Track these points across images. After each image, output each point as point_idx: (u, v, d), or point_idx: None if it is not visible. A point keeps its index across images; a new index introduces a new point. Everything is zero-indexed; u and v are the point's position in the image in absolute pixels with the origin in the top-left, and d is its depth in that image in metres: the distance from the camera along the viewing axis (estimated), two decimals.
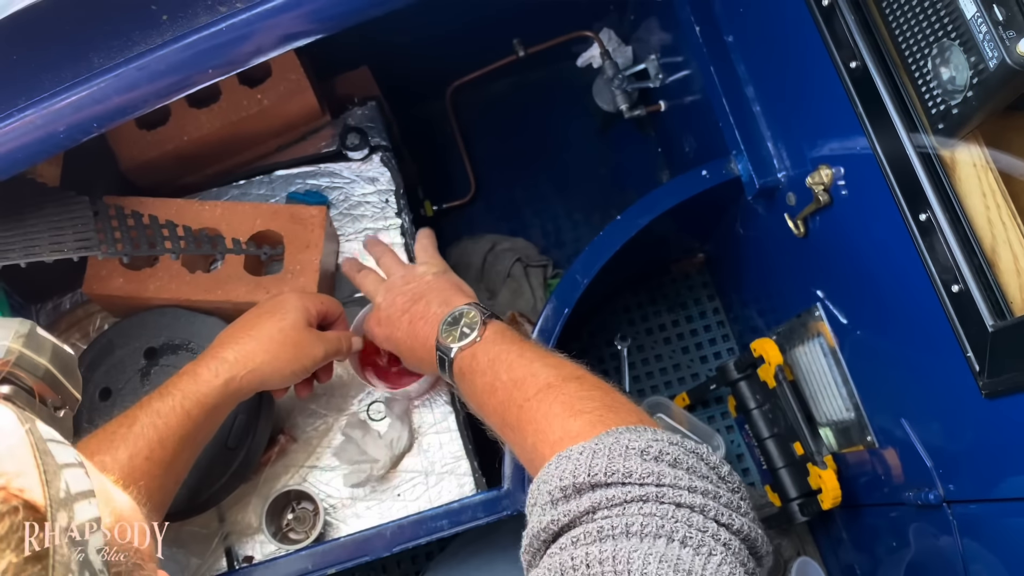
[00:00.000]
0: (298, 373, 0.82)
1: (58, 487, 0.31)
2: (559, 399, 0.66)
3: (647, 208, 0.97)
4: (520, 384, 0.69)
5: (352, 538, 0.87)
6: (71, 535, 0.30)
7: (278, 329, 0.81)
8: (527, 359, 0.72)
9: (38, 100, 0.69)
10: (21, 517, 0.29)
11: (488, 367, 0.73)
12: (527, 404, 0.67)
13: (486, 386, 0.72)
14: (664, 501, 0.52)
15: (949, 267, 0.69)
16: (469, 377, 0.75)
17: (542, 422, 0.65)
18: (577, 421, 0.62)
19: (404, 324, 0.83)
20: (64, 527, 0.30)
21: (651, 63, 1.22)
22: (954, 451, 0.79)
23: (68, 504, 0.31)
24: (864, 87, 0.74)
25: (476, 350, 0.75)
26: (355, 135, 1.03)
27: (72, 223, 0.89)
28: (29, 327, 0.38)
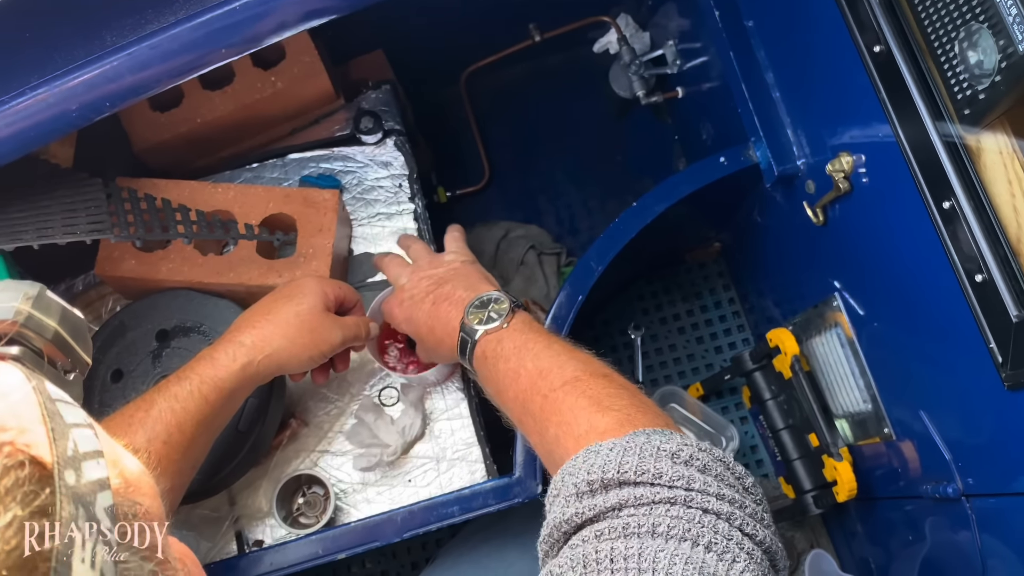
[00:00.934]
0: (315, 358, 0.82)
1: (66, 446, 0.31)
2: (586, 393, 0.65)
3: (664, 195, 0.95)
4: (546, 374, 0.69)
5: (363, 523, 0.86)
6: (78, 493, 0.30)
7: (295, 313, 0.80)
8: (554, 351, 0.71)
9: (50, 78, 0.68)
10: (27, 472, 0.29)
11: (513, 353, 0.73)
12: (552, 395, 0.67)
13: (510, 372, 0.72)
14: (692, 506, 0.52)
15: (973, 256, 0.68)
16: (492, 361, 0.74)
17: (567, 414, 0.64)
18: (605, 417, 0.62)
19: (427, 305, 0.82)
20: (71, 485, 0.30)
21: (669, 49, 1.20)
22: (974, 444, 0.77)
23: (76, 463, 0.31)
24: (888, 71, 0.72)
25: (503, 335, 0.75)
26: (369, 119, 1.03)
27: (85, 205, 0.88)
28: (38, 289, 0.38)
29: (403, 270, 0.88)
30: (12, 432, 0.29)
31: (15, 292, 0.37)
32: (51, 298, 0.38)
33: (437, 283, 0.83)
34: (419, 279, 0.85)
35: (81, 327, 0.39)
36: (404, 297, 0.85)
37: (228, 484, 0.90)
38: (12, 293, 0.37)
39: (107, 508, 0.32)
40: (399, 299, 0.86)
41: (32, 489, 0.28)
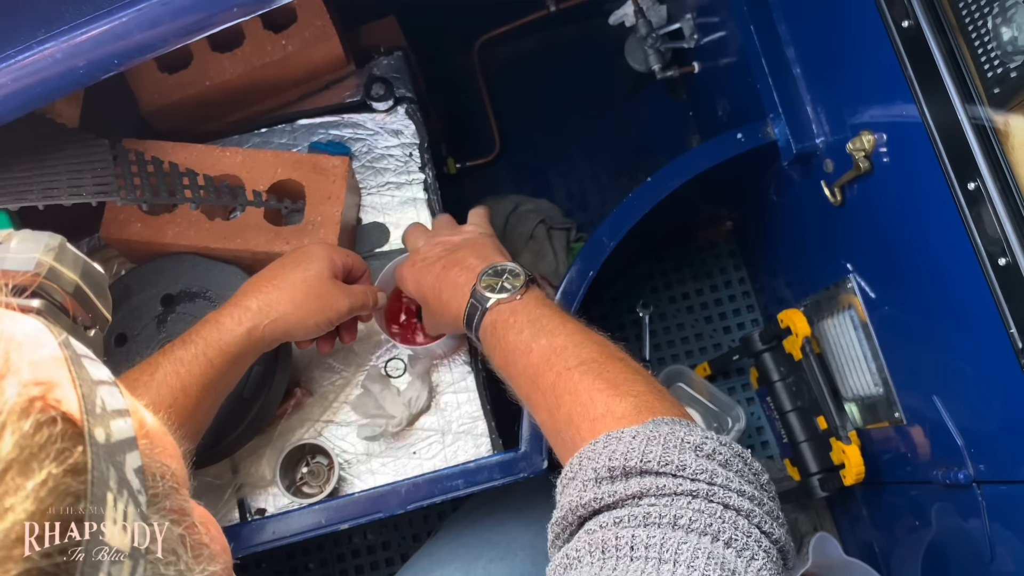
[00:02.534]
0: (322, 325, 0.81)
1: (94, 403, 0.30)
2: (603, 375, 0.64)
3: (679, 171, 0.94)
4: (560, 352, 0.67)
5: (366, 494, 0.86)
6: (108, 452, 0.29)
7: (302, 279, 0.79)
8: (569, 329, 0.70)
9: (58, 33, 0.67)
10: (60, 429, 0.27)
11: (527, 326, 0.71)
12: (567, 373, 0.65)
13: (521, 345, 0.71)
14: (714, 500, 0.52)
15: (997, 239, 0.66)
16: (502, 332, 0.73)
17: (583, 395, 0.63)
18: (623, 402, 0.61)
19: (437, 269, 0.81)
20: (101, 443, 0.29)
21: (686, 22, 1.18)
22: (987, 430, 0.76)
23: (104, 420, 0.30)
24: (916, 48, 0.71)
25: (516, 307, 0.74)
26: (380, 85, 1.01)
27: (91, 166, 0.87)
28: (60, 240, 0.36)
29: (421, 235, 0.87)
30: (43, 387, 0.28)
31: (36, 243, 0.36)
32: (72, 250, 0.37)
33: (451, 249, 0.82)
34: (434, 244, 0.84)
35: (101, 282, 0.38)
36: (416, 259, 0.84)
37: (232, 452, 0.89)
38: (33, 244, 0.36)
39: (136, 469, 0.30)
40: (411, 261, 0.84)
41: (65, 446, 0.27)
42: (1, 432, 0.26)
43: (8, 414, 0.26)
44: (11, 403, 0.26)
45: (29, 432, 0.26)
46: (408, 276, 0.84)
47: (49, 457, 0.27)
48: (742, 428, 1.15)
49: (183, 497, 0.34)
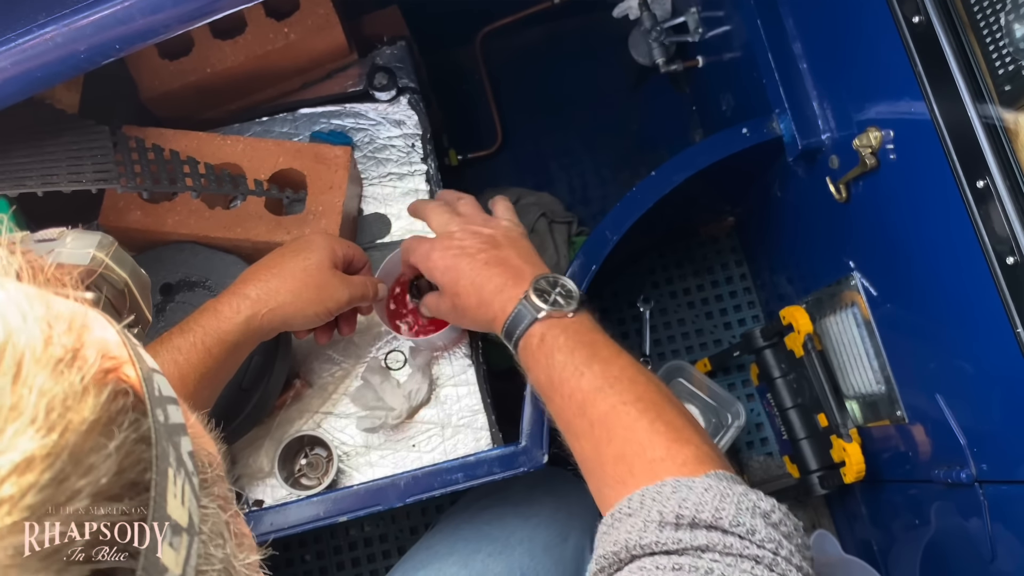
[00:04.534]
0: (321, 315, 0.80)
1: (152, 386, 0.30)
2: (662, 417, 0.65)
3: (683, 165, 0.93)
4: (615, 383, 0.67)
5: (365, 487, 0.85)
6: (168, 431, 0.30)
7: (302, 268, 0.79)
8: (624, 362, 0.69)
9: (59, 16, 0.66)
10: (132, 400, 0.29)
11: (579, 348, 0.70)
12: (623, 408, 0.65)
13: (571, 367, 0.69)
14: (775, 570, 0.53)
15: (1005, 237, 0.66)
16: (550, 348, 0.71)
17: (641, 434, 0.64)
18: (684, 449, 0.62)
19: (478, 262, 0.77)
20: (161, 422, 0.30)
21: (691, 16, 1.17)
22: (991, 430, 0.76)
23: (162, 403, 0.31)
24: (926, 44, 0.70)
25: (567, 324, 0.72)
26: (383, 75, 1.00)
27: (91, 153, 0.86)
28: (111, 240, 0.38)
29: (452, 219, 0.82)
30: (114, 361, 0.29)
31: (91, 240, 0.37)
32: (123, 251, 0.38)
33: (492, 243, 0.79)
34: (471, 232, 0.80)
35: (147, 284, 0.39)
36: (451, 245, 0.79)
37: (230, 443, 0.89)
38: (88, 240, 0.37)
39: (189, 452, 0.31)
40: (444, 245, 0.79)
41: (136, 417, 0.28)
42: (85, 395, 0.27)
43: (91, 379, 0.27)
44: (94, 369, 0.27)
45: (108, 399, 0.27)
46: (438, 260, 0.79)
47: (124, 424, 0.28)
48: (742, 424, 1.15)
49: (226, 486, 0.35)
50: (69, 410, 0.26)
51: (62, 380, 0.26)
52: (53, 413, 0.25)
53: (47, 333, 0.27)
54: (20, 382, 0.25)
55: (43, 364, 0.26)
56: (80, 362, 0.27)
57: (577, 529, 0.97)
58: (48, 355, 0.27)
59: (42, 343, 0.27)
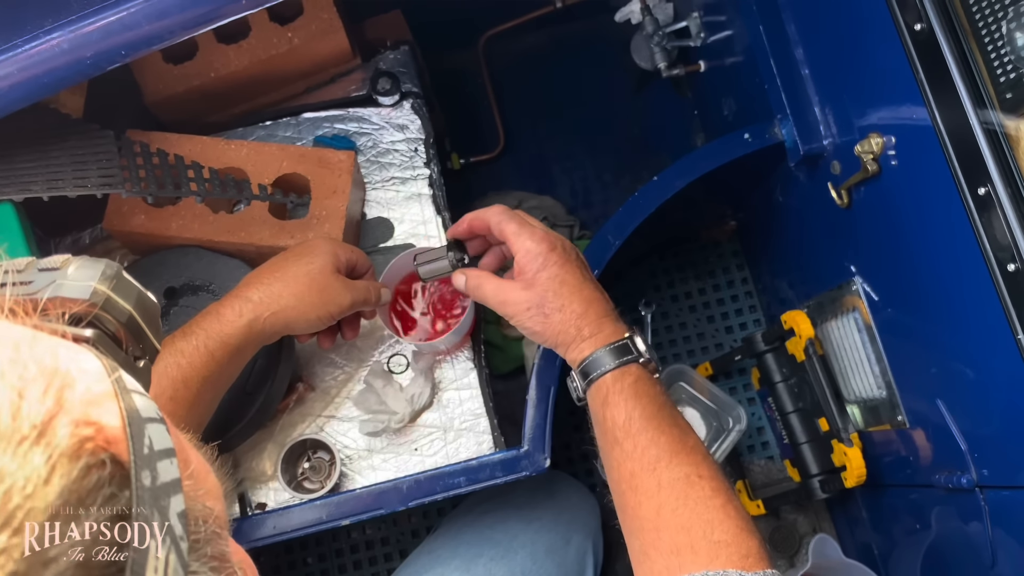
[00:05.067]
0: (323, 319, 0.80)
1: (142, 443, 0.29)
2: (732, 503, 0.65)
3: (685, 170, 0.94)
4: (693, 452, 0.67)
5: (368, 490, 0.85)
6: (154, 496, 0.28)
7: (305, 272, 0.79)
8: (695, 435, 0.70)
9: (65, 23, 0.66)
10: (108, 472, 0.27)
11: (666, 405, 0.70)
12: (700, 481, 0.65)
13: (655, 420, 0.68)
14: None
15: (1006, 245, 0.66)
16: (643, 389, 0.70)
17: (714, 513, 0.64)
18: (749, 541, 0.63)
19: (588, 287, 0.75)
20: (147, 487, 0.28)
21: (693, 21, 1.18)
22: (992, 435, 0.76)
23: (151, 462, 0.29)
24: (928, 51, 0.70)
25: (656, 379, 0.72)
26: (387, 80, 1.00)
27: (96, 158, 0.86)
28: (116, 269, 0.36)
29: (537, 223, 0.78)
30: (94, 427, 0.27)
31: (94, 270, 0.35)
32: (129, 280, 0.36)
33: (582, 262, 0.78)
34: (564, 240, 0.78)
35: (155, 312, 0.37)
36: (569, 247, 0.76)
37: (233, 446, 0.89)
38: (91, 271, 0.35)
39: (179, 513, 0.29)
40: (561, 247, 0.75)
41: (112, 492, 0.27)
42: (50, 476, 0.25)
43: (59, 457, 0.25)
44: (63, 445, 0.26)
45: (79, 476, 0.26)
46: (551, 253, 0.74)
47: (96, 504, 0.26)
48: (743, 428, 1.15)
49: (224, 541, 0.33)
50: (28, 499, 0.24)
51: (26, 462, 0.24)
52: (11, 503, 0.24)
53: (16, 404, 0.25)
54: None
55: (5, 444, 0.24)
56: (48, 437, 0.25)
57: (579, 532, 0.97)
58: (13, 431, 0.25)
59: (9, 416, 0.25)
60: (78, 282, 0.35)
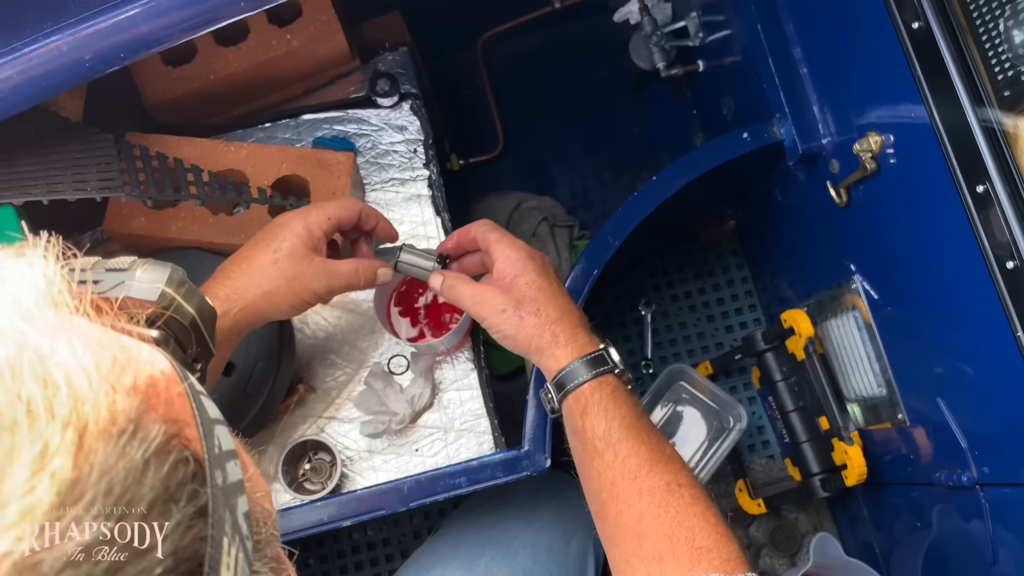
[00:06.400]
0: (298, 306, 0.74)
1: (213, 443, 0.29)
2: (712, 509, 0.65)
3: (684, 170, 0.94)
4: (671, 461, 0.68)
5: (369, 491, 0.85)
6: (225, 495, 0.29)
7: (271, 260, 0.73)
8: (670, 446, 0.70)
9: (64, 26, 0.66)
10: (191, 469, 0.27)
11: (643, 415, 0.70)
12: (679, 489, 0.66)
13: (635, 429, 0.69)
14: None
15: (1005, 242, 0.66)
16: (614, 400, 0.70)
17: (695, 520, 0.64)
18: (729, 546, 0.63)
19: (564, 298, 0.76)
20: (219, 485, 0.28)
21: (691, 20, 1.18)
22: (992, 433, 0.76)
23: (221, 462, 0.29)
24: (925, 49, 0.70)
25: (630, 392, 0.72)
26: (385, 81, 1.00)
27: (96, 161, 0.86)
28: (182, 274, 0.37)
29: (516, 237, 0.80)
30: (178, 425, 0.28)
31: (161, 273, 0.36)
32: (192, 285, 0.37)
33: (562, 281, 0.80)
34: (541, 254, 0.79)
35: (212, 318, 0.38)
36: (548, 262, 0.78)
37: None
38: (158, 274, 0.36)
39: (245, 513, 0.30)
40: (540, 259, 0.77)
41: (195, 488, 0.27)
42: (146, 470, 0.26)
43: (152, 452, 0.26)
44: (156, 441, 0.26)
45: (168, 472, 0.26)
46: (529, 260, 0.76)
47: (183, 498, 0.26)
48: (743, 427, 1.15)
49: (279, 544, 0.34)
50: (128, 491, 0.25)
51: (124, 455, 0.25)
52: (112, 496, 0.24)
53: (111, 399, 0.26)
54: (82, 458, 0.24)
55: (106, 437, 0.25)
56: (143, 432, 0.26)
57: (580, 532, 0.97)
58: (113, 425, 0.25)
59: (106, 412, 0.25)
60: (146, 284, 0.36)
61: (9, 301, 0.26)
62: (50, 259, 0.29)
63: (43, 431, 0.24)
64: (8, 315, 0.26)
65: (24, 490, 0.23)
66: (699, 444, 1.20)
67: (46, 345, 0.26)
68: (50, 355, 0.25)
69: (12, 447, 0.23)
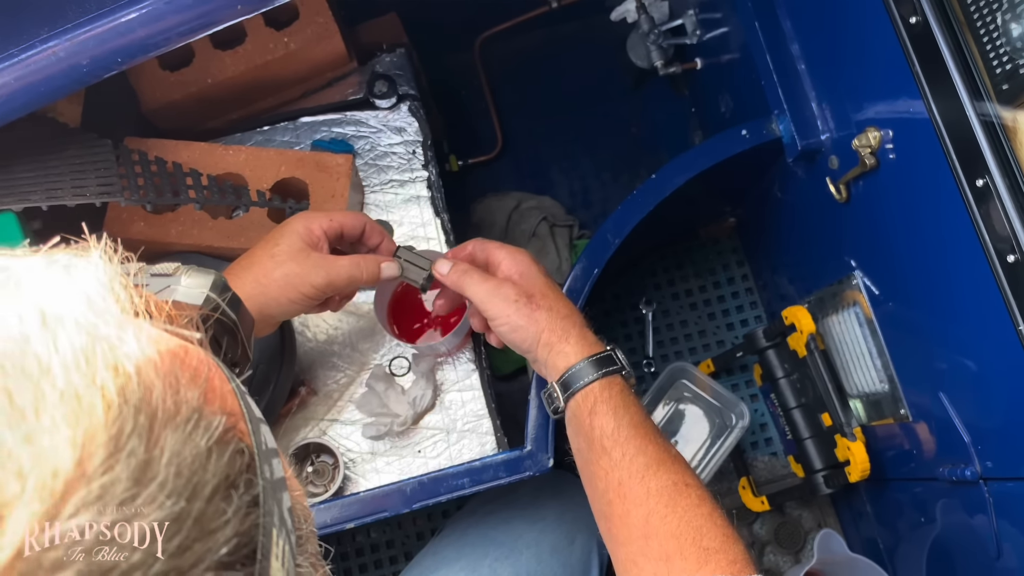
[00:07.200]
0: (297, 301, 0.74)
1: (260, 439, 0.30)
2: (718, 510, 0.65)
3: (683, 167, 0.93)
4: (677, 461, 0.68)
5: (371, 493, 0.85)
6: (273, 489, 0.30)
7: (269, 256, 0.74)
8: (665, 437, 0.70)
9: (61, 31, 0.66)
10: (246, 460, 0.29)
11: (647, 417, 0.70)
12: (687, 489, 0.66)
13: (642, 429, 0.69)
14: None
15: (1006, 236, 0.66)
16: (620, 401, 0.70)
17: (702, 520, 0.64)
18: (735, 548, 0.63)
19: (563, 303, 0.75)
20: (268, 479, 0.30)
21: (689, 18, 1.18)
22: (995, 427, 0.76)
23: (268, 458, 0.30)
24: (923, 43, 0.70)
25: (625, 386, 0.72)
26: (383, 82, 1.00)
27: (95, 167, 0.86)
28: (224, 280, 0.38)
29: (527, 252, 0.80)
30: (233, 418, 0.29)
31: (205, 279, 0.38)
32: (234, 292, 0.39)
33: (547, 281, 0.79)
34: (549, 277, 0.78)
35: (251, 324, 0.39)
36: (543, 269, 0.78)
37: None
38: (203, 280, 0.38)
39: (289, 509, 0.31)
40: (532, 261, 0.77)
41: (250, 478, 0.28)
42: (209, 457, 0.27)
43: (215, 440, 0.27)
44: (218, 430, 0.28)
45: (229, 460, 0.27)
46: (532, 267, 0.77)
47: (242, 486, 0.28)
48: (746, 425, 1.15)
49: (316, 541, 0.35)
50: (195, 474, 0.26)
51: (190, 441, 0.26)
52: (181, 478, 0.25)
53: (175, 389, 0.27)
54: (152, 443, 0.25)
55: (174, 424, 0.26)
56: (206, 421, 0.27)
57: (584, 532, 0.97)
58: (178, 413, 0.26)
59: (172, 402, 0.27)
60: (192, 288, 0.37)
61: (80, 295, 0.28)
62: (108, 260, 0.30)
63: (117, 416, 0.25)
64: (80, 307, 0.27)
65: (103, 469, 0.24)
66: (701, 442, 1.20)
67: (115, 336, 0.27)
68: (119, 346, 0.26)
69: (91, 429, 0.24)
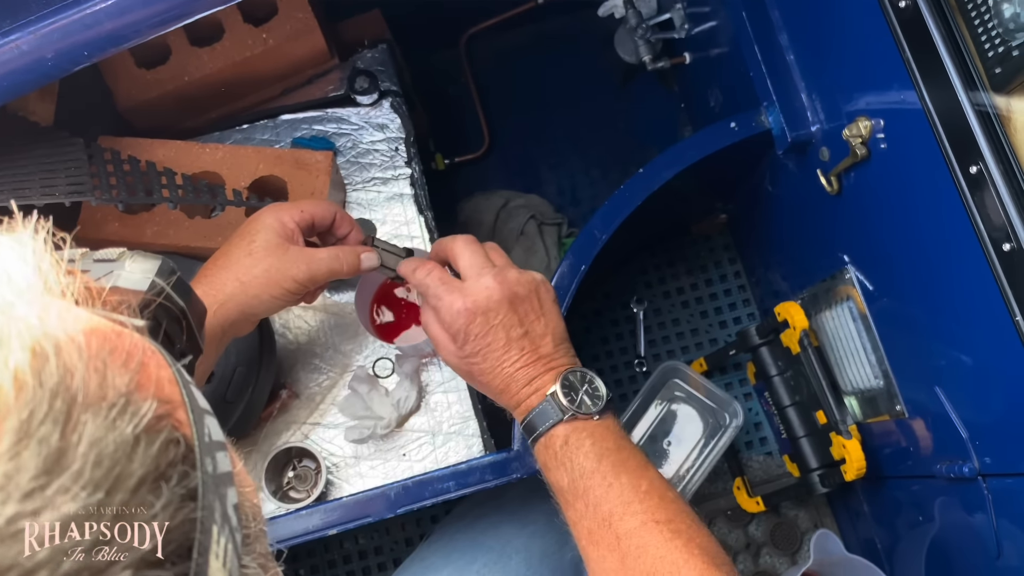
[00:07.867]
0: (281, 296, 0.72)
1: (203, 430, 0.29)
2: (695, 540, 0.63)
3: (671, 161, 0.92)
4: (646, 498, 0.64)
5: (355, 498, 0.83)
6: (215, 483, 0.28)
7: (246, 253, 0.72)
8: (651, 475, 0.66)
9: (24, 23, 0.64)
10: (182, 451, 0.27)
11: (606, 455, 0.66)
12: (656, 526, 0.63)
13: (599, 477, 0.65)
14: None
15: (1001, 224, 0.64)
16: (572, 451, 0.67)
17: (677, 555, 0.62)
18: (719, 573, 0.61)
19: (512, 339, 0.68)
20: (209, 473, 0.28)
21: (676, 12, 1.16)
22: (993, 422, 0.74)
23: (211, 450, 0.29)
24: (913, 28, 0.68)
25: (594, 429, 0.67)
26: (364, 78, 0.98)
27: (65, 166, 0.84)
28: (172, 266, 0.37)
29: (486, 265, 0.70)
30: (168, 406, 0.27)
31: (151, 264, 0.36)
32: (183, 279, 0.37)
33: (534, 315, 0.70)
34: (505, 295, 0.68)
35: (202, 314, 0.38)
36: (481, 309, 0.68)
37: None
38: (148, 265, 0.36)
39: (234, 505, 0.29)
40: (474, 304, 0.68)
41: (185, 470, 0.27)
42: (136, 446, 0.25)
43: (143, 428, 0.26)
44: (147, 417, 0.26)
45: (159, 450, 0.26)
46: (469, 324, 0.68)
47: (173, 479, 0.26)
48: (740, 424, 1.13)
49: (267, 541, 0.33)
50: (117, 464, 0.24)
51: (114, 429, 0.25)
52: (101, 467, 0.24)
53: (101, 373, 0.25)
54: (70, 429, 0.24)
55: (96, 409, 0.25)
56: (133, 407, 0.26)
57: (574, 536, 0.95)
58: (103, 399, 0.25)
59: (96, 386, 0.25)
60: (136, 274, 0.36)
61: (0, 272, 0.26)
62: (39, 239, 0.29)
63: (30, 399, 0.23)
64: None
65: (9, 456, 0.22)
66: (695, 442, 1.18)
67: (35, 316, 0.25)
68: (39, 326, 0.25)
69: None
